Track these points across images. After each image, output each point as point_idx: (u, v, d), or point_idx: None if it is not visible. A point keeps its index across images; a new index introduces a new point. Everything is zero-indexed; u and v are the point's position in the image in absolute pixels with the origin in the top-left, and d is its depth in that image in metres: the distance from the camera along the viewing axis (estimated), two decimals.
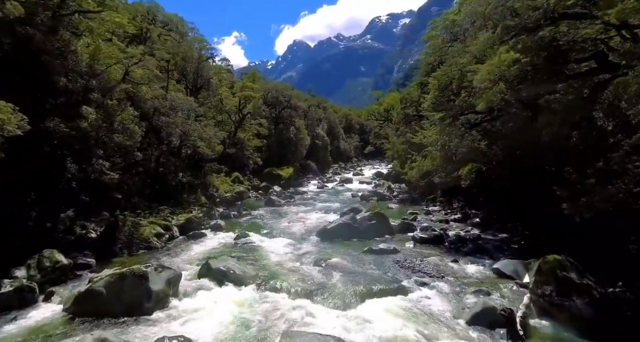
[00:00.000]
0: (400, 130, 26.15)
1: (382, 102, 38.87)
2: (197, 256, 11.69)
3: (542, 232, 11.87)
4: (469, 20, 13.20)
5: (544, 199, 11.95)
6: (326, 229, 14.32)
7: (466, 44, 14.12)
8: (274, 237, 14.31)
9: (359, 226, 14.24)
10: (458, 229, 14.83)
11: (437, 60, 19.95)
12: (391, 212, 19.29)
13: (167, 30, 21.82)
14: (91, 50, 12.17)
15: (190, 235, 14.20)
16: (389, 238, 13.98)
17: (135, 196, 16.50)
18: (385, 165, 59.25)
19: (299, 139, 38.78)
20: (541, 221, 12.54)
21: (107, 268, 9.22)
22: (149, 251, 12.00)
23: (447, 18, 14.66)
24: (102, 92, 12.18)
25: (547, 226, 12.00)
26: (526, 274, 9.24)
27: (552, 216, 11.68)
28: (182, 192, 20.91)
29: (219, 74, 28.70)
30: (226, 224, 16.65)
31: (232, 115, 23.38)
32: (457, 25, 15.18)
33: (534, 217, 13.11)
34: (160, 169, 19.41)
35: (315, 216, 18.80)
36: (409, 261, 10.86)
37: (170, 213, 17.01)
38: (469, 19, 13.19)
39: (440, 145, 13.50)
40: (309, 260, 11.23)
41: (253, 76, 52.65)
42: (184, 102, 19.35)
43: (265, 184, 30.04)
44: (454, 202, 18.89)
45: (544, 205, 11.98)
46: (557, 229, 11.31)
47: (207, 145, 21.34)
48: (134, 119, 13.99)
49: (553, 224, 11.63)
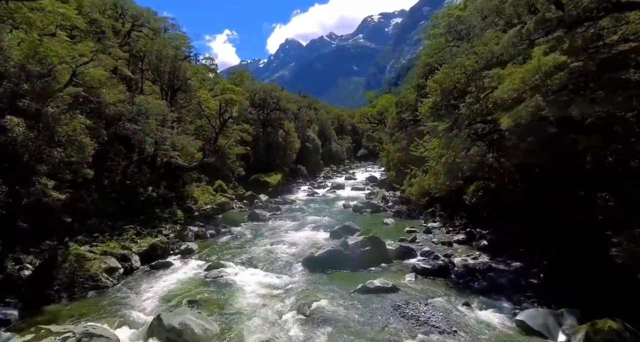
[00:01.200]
0: (395, 136, 24.30)
1: (375, 105, 37.01)
2: (155, 298, 9.59)
3: (564, 259, 10.14)
4: (479, 16, 11.36)
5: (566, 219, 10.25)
6: (313, 256, 12.35)
7: (473, 44, 12.28)
8: (252, 266, 12.29)
9: (351, 254, 12.30)
10: (464, 255, 13.00)
11: (437, 61, 18.16)
12: (387, 230, 17.43)
13: (137, 25, 19.56)
14: (25, 47, 9.97)
15: (153, 265, 12.08)
16: (385, 267, 12.08)
17: (93, 217, 14.30)
18: (378, 167, 57.60)
19: (288, 142, 36.73)
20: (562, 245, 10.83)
21: (33, 324, 7.16)
22: (97, 292, 9.85)
23: (452, 14, 12.78)
24: (38, 98, 9.98)
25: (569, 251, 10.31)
26: (559, 331, 7.42)
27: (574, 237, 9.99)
28: (154, 207, 18.72)
29: (201, 74, 26.49)
30: (200, 247, 14.55)
31: (212, 120, 21.23)
32: (462, 22, 13.33)
33: (553, 240, 11.39)
34: (127, 181, 17.20)
35: (302, 234, 16.81)
36: (412, 306, 8.96)
37: (136, 234, 14.84)
38: (478, 15, 11.34)
39: (444, 160, 11.64)
40: (290, 303, 9.26)
41: (241, 76, 50.26)
42: (154, 106, 17.14)
43: (251, 193, 27.96)
44: (456, 219, 17.08)
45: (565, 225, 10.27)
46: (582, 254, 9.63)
47: (183, 154, 19.20)
48: (85, 129, 11.78)
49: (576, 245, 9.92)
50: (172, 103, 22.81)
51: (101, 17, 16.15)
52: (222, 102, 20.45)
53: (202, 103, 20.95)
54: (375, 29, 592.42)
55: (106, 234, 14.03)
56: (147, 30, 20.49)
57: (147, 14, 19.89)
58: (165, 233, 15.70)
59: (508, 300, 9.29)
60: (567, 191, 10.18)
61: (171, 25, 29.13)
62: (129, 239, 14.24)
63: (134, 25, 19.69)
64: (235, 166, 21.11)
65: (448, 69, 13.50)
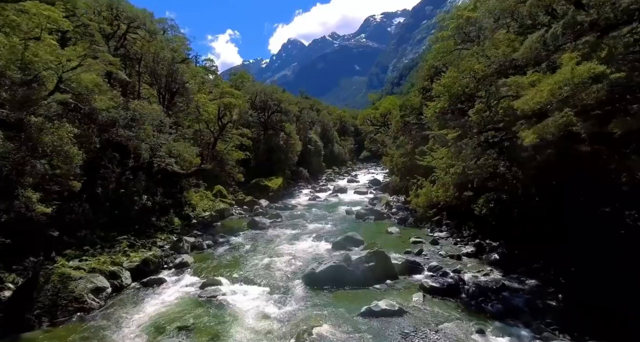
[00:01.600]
0: (399, 140, 23.55)
1: (378, 107, 36.24)
2: (143, 323, 8.91)
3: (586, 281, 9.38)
4: (491, 17, 10.62)
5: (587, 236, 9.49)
6: (314, 272, 11.64)
7: (483, 46, 11.53)
8: (249, 282, 11.60)
9: (355, 270, 11.58)
10: (474, 270, 12.25)
11: (443, 64, 17.41)
12: (391, 240, 16.71)
13: (133, 27, 18.95)
14: (6, 52, 9.33)
15: (145, 282, 11.40)
16: (391, 285, 11.35)
17: (84, 228, 13.66)
18: (381, 169, 56.82)
19: (289, 145, 36.03)
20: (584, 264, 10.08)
21: None
22: (82, 315, 9.17)
23: (461, 15, 12.04)
24: (20, 106, 9.34)
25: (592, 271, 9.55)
26: None
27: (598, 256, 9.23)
28: (149, 215, 18.07)
29: (200, 77, 25.84)
30: (195, 260, 13.88)
31: (210, 124, 20.57)
32: (471, 24, 12.58)
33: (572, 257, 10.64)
34: (121, 190, 16.55)
35: (303, 245, 16.10)
36: (421, 333, 8.24)
37: (129, 246, 14.20)
38: (491, 16, 10.59)
39: (454, 171, 10.90)
40: (290, 330, 8.56)
41: (242, 77, 49.57)
42: (149, 111, 16.49)
43: (251, 198, 27.31)
44: (464, 229, 16.31)
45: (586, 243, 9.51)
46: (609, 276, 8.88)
47: (180, 160, 18.52)
48: (73, 138, 11.12)
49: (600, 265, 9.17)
50: (170, 107, 22.23)
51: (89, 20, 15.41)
52: (221, 107, 19.77)
53: (200, 107, 20.29)
54: (377, 29, 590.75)
55: (97, 247, 13.41)
56: (144, 32, 19.80)
57: (143, 16, 19.22)
58: (160, 244, 15.06)
59: (526, 326, 8.54)
60: (589, 205, 9.43)
61: (170, 27, 28.59)
62: (121, 251, 13.60)
63: (129, 27, 19.03)
64: (235, 172, 20.43)
65: (456, 72, 12.78)
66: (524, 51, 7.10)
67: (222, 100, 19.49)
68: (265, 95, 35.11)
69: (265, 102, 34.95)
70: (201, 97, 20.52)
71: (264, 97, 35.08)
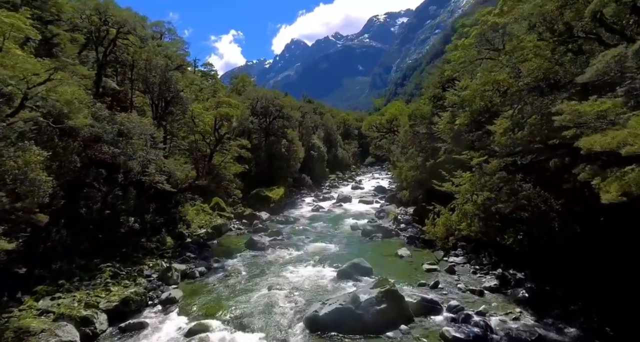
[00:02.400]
0: (409, 152, 22.02)
1: (384, 113, 34.73)
2: None
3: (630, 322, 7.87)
4: (526, 24, 9.11)
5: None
6: (317, 316, 10.16)
7: (514, 57, 10.01)
8: (243, 328, 10.14)
9: (364, 313, 10.09)
10: (501, 312, 10.68)
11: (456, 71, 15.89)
12: (402, 267, 15.20)
13: (123, 32, 17.59)
14: None
15: (123, 327, 9.96)
16: (405, 331, 9.84)
17: (60, 259, 12.27)
18: (386, 173, 55.29)
19: (291, 152, 34.58)
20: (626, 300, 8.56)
21: None
22: None
23: (486, 21, 10.52)
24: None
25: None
26: None
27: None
28: (139, 237, 16.66)
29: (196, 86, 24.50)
30: (185, 294, 12.46)
31: (206, 136, 19.18)
32: (495, 30, 11.06)
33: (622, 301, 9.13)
34: (107, 211, 15.15)
35: (305, 272, 14.62)
36: None
37: (112, 277, 12.82)
38: (525, 23, 9.08)
39: (480, 201, 9.40)
40: None
41: (242, 81, 48.20)
42: (138, 124, 15.11)
43: (251, 211, 25.88)
44: (483, 256, 14.76)
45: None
46: None
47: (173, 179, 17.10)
48: (42, 163, 9.73)
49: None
50: (164, 117, 20.87)
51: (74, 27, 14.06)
52: (217, 117, 18.37)
53: (195, 117, 18.90)
54: (381, 29, 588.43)
55: (75, 280, 12.01)
56: (134, 37, 18.43)
57: (133, 21, 17.85)
58: (147, 274, 13.63)
59: None
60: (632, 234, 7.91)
61: (168, 30, 27.28)
62: (102, 283, 12.22)
63: (119, 32, 17.65)
64: (232, 188, 19.01)
65: (478, 85, 11.27)
66: (596, 72, 5.56)
67: (218, 111, 18.08)
68: (266, 100, 33.71)
69: (266, 107, 33.55)
70: (196, 107, 19.12)
71: (265, 102, 33.68)
